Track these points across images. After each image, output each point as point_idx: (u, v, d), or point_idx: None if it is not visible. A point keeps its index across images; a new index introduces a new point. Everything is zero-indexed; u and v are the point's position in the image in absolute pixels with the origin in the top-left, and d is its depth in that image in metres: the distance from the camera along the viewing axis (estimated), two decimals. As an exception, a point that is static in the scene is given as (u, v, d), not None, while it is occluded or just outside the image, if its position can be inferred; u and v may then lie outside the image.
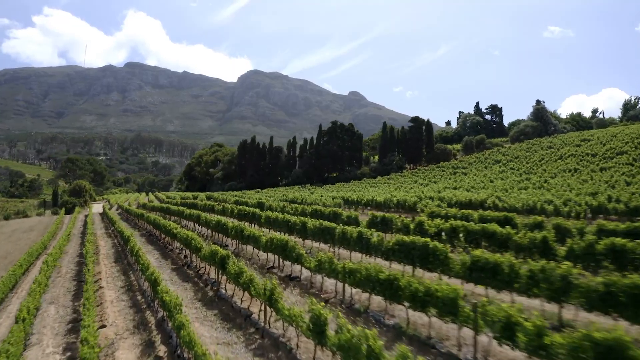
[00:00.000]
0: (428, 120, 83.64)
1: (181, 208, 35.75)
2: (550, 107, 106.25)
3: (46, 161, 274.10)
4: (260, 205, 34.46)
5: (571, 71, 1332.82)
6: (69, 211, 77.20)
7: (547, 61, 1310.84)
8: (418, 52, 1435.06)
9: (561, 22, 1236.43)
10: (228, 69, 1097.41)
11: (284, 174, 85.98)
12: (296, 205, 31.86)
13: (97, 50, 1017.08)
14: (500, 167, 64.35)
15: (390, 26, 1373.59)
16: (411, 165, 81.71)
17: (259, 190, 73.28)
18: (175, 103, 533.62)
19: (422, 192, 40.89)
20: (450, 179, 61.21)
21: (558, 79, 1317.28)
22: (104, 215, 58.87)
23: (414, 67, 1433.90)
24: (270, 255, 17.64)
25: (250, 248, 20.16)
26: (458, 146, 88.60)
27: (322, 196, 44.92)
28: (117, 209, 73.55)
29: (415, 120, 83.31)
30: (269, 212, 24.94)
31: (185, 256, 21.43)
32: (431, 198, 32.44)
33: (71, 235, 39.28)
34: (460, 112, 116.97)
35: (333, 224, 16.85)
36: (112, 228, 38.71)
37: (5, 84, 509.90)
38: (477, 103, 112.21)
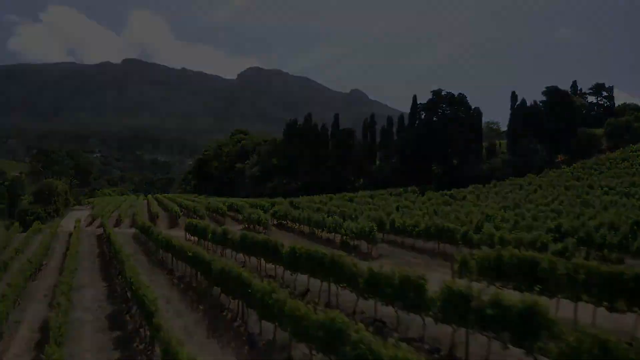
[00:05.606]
0: (570, 93, 53.69)
1: None
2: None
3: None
4: None
5: (569, 71, 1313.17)
6: (29, 224, 47.08)
7: (544, 62, 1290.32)
8: (420, 52, 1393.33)
9: (563, 23, 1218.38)
10: (227, 66, 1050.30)
11: (358, 171, 54.51)
12: None
13: (103, 49, 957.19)
14: None
15: (391, 27, 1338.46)
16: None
17: (332, 195, 42.92)
18: (174, 100, 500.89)
19: None
20: None
21: (556, 79, 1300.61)
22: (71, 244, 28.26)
23: (416, 67, 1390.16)
24: None
25: None
26: (599, 131, 59.11)
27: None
28: (99, 226, 43.21)
29: (554, 92, 52.64)
30: None
31: None
32: None
33: None
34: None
35: None
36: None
37: (0, 81, 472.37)
38: (574, 82, 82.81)
